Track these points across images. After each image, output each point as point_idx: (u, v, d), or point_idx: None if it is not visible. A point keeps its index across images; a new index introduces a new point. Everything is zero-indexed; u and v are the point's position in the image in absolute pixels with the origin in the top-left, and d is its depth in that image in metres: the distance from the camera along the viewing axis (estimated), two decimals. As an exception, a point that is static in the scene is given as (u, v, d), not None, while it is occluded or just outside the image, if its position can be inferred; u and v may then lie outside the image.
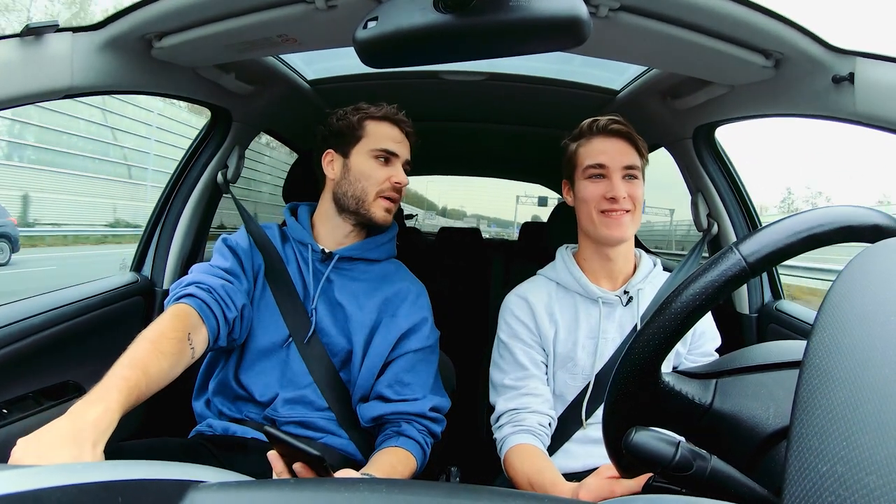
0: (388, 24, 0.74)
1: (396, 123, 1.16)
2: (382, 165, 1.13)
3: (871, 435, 0.25)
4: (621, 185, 1.06)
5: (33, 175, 11.68)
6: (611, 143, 1.08)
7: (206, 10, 0.94)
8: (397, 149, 1.14)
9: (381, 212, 1.13)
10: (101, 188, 13.16)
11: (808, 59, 0.94)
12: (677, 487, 0.45)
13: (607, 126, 1.09)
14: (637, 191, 1.08)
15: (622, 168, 1.07)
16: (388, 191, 1.13)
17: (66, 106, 11.17)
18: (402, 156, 1.15)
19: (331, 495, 0.37)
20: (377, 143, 1.13)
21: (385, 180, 1.12)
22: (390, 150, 1.13)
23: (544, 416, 1.05)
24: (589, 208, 1.08)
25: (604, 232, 1.07)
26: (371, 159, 1.13)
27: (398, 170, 1.14)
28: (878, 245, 0.37)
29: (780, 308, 1.39)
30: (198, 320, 0.95)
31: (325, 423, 1.06)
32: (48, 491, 0.36)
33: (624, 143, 1.08)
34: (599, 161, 1.07)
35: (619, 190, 1.05)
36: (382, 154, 1.13)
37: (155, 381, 0.81)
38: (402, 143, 1.16)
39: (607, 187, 1.06)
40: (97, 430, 0.67)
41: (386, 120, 1.16)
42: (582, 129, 1.13)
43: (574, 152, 1.13)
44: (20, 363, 1.06)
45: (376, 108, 1.16)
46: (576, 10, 0.69)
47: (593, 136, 1.10)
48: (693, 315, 0.44)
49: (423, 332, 1.13)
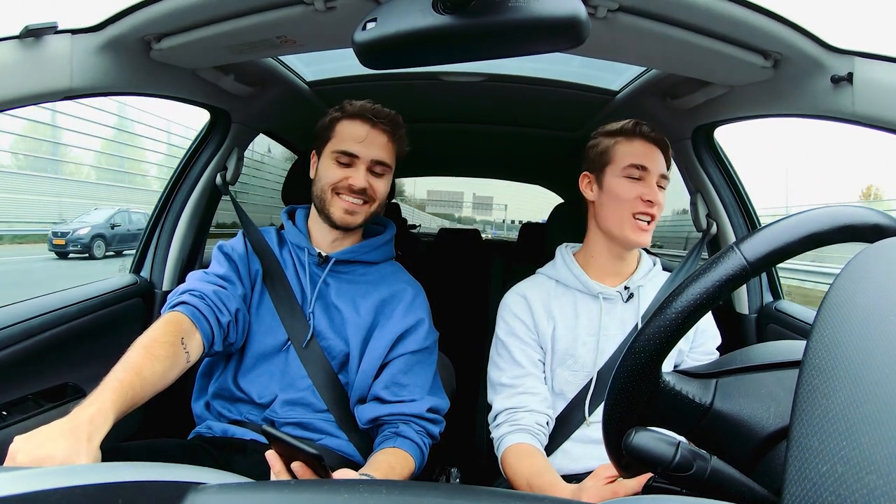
0: (387, 26, 0.74)
1: (367, 120, 1.11)
2: (340, 167, 1.10)
3: (871, 434, 0.25)
4: (657, 191, 1.08)
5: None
6: (652, 150, 1.11)
7: (205, 11, 0.94)
8: (357, 150, 1.09)
9: (339, 212, 1.09)
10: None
11: (806, 60, 0.94)
12: (677, 488, 0.45)
13: (650, 133, 1.11)
14: (663, 200, 1.10)
15: (660, 175, 1.09)
16: (345, 191, 1.09)
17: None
18: (365, 156, 1.09)
19: (330, 496, 0.37)
20: (338, 145, 1.10)
21: (341, 181, 1.09)
22: (348, 152, 1.09)
23: (542, 416, 1.05)
24: (622, 208, 1.09)
25: (630, 236, 1.08)
26: (332, 161, 1.10)
27: (356, 172, 1.09)
28: (878, 245, 0.37)
29: (779, 308, 1.39)
30: (190, 326, 0.96)
31: (323, 424, 1.06)
32: (47, 493, 0.36)
33: (661, 153, 1.11)
34: (643, 163, 1.09)
35: (657, 194, 1.08)
36: (341, 155, 1.10)
37: (150, 383, 0.82)
38: (364, 142, 1.10)
39: (645, 189, 1.07)
40: (92, 425, 0.69)
41: (356, 118, 1.11)
42: (624, 128, 1.13)
43: (611, 148, 1.13)
44: (20, 365, 1.06)
45: (352, 106, 1.13)
46: (574, 10, 0.69)
47: (636, 138, 1.11)
48: (694, 314, 0.44)
49: (421, 333, 1.12)
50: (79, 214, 12.08)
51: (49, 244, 11.10)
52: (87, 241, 10.82)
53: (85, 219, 11.60)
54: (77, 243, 10.81)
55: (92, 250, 10.83)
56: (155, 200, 1.54)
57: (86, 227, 11.05)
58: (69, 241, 10.86)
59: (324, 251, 1.14)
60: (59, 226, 11.49)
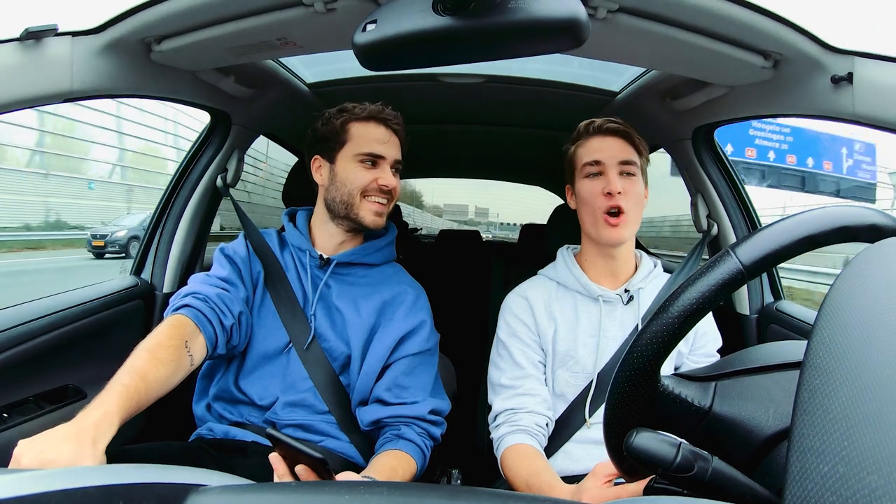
0: (387, 27, 0.74)
1: (382, 122, 1.12)
2: (368, 169, 1.10)
3: (872, 434, 0.25)
4: (617, 180, 1.06)
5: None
6: (607, 141, 1.09)
7: (205, 13, 0.94)
8: (383, 150, 1.11)
9: (370, 215, 1.10)
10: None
11: (806, 60, 0.94)
12: (678, 489, 0.45)
13: (603, 126, 1.10)
14: (634, 188, 1.07)
15: (618, 164, 1.07)
16: (375, 192, 1.10)
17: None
18: (389, 157, 1.12)
19: (332, 498, 0.37)
20: (361, 147, 1.10)
21: (371, 182, 1.10)
22: (375, 154, 1.10)
23: (541, 417, 1.05)
24: (591, 209, 1.08)
25: (604, 234, 1.07)
26: (356, 164, 1.10)
27: (385, 172, 1.11)
28: (878, 245, 0.37)
29: (780, 308, 1.39)
30: (194, 329, 0.96)
31: (325, 426, 1.06)
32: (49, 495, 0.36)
33: (620, 140, 1.09)
34: (595, 158, 1.08)
35: (615, 184, 1.05)
36: (368, 158, 1.10)
37: (154, 387, 0.82)
38: (388, 143, 1.12)
39: (603, 183, 1.06)
40: (98, 429, 0.69)
41: (371, 120, 1.12)
42: (579, 131, 1.13)
43: (573, 154, 1.13)
44: (20, 367, 1.06)
45: (360, 109, 1.13)
46: (574, 11, 0.69)
47: (590, 136, 1.11)
48: (690, 319, 0.44)
49: (422, 335, 1.12)
50: (114, 218, 13.59)
51: (88, 245, 12.52)
52: (124, 242, 12.01)
53: (121, 222, 13.03)
54: (115, 244, 12.12)
55: (128, 250, 11.90)
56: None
57: (123, 230, 12.38)
58: (108, 243, 12.20)
59: (325, 253, 1.14)
60: (97, 228, 12.80)
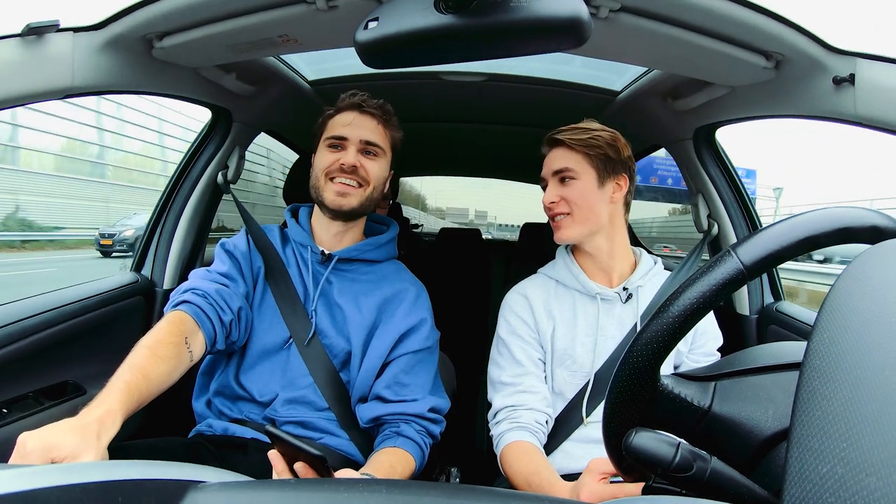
0: (388, 25, 0.74)
1: (353, 107, 1.14)
2: (333, 152, 1.12)
3: (871, 436, 0.25)
4: (553, 190, 1.12)
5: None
6: (551, 153, 1.15)
7: (206, 10, 0.94)
8: (346, 132, 1.11)
9: (331, 195, 1.10)
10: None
11: (808, 61, 0.94)
12: (677, 489, 0.45)
13: (552, 136, 1.15)
14: (572, 192, 1.10)
15: (552, 173, 1.13)
16: (337, 173, 1.10)
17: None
18: (353, 137, 1.11)
19: (330, 495, 0.37)
20: (328, 133, 1.14)
21: (334, 164, 1.11)
22: (337, 136, 1.12)
23: (541, 414, 1.06)
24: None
25: (556, 236, 1.13)
26: (324, 149, 1.13)
27: (347, 152, 1.11)
28: (879, 246, 0.37)
29: (780, 309, 1.39)
30: (193, 325, 0.96)
31: (324, 423, 1.06)
32: (48, 490, 0.36)
33: (559, 149, 1.14)
34: (543, 172, 1.16)
35: (552, 193, 1.11)
36: (334, 142, 1.12)
37: (155, 384, 0.83)
38: (351, 124, 1.12)
39: (546, 193, 1.14)
40: (101, 425, 0.69)
41: (344, 109, 1.14)
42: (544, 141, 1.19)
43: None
44: (20, 362, 1.06)
45: (341, 101, 1.16)
46: (576, 10, 0.69)
47: (548, 149, 1.17)
48: (691, 318, 0.44)
49: (423, 332, 1.12)
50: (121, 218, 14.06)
51: (96, 244, 12.97)
52: (131, 241, 12.30)
53: (127, 222, 13.45)
54: (123, 243, 12.55)
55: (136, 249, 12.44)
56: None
57: (130, 230, 12.77)
58: (116, 242, 12.53)
59: (327, 249, 1.14)
60: (105, 228, 13.16)
